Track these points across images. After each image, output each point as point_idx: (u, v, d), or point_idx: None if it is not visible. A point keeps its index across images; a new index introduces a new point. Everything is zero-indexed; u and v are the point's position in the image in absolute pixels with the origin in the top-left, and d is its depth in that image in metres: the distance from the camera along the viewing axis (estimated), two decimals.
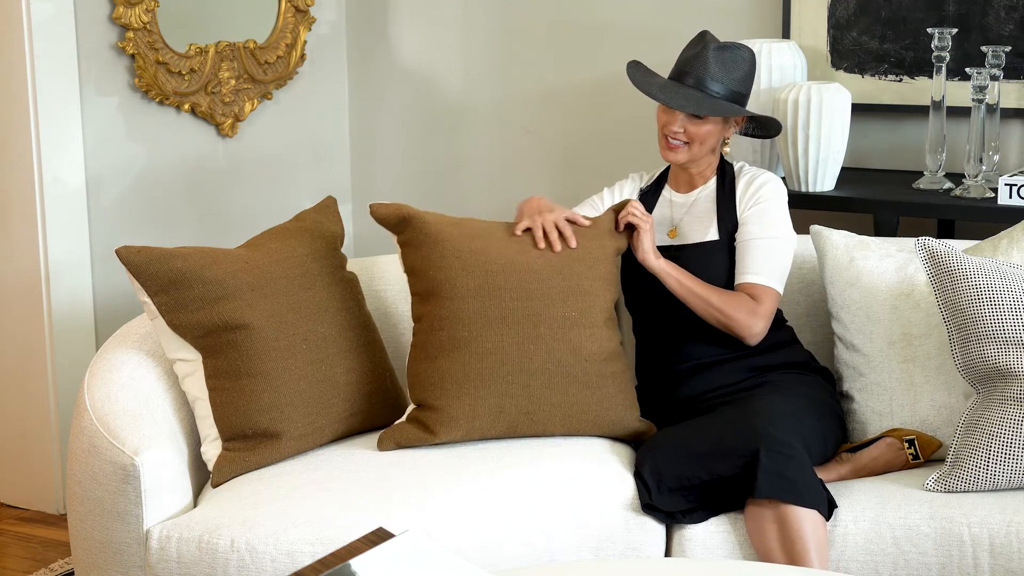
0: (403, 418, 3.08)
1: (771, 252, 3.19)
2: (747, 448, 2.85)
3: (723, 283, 3.21)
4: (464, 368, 3.02)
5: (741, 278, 3.19)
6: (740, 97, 3.25)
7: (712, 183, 3.31)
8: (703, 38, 3.26)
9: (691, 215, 3.30)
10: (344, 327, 3.12)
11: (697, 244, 3.25)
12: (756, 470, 2.81)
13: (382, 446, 3.01)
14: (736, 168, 3.33)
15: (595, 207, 3.37)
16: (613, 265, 3.20)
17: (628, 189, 3.42)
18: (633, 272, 3.29)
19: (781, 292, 3.20)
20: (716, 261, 3.23)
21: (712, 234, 3.25)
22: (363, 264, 3.48)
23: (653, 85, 3.26)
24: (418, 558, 2.26)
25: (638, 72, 3.32)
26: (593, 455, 3.02)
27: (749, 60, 3.26)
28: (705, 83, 3.20)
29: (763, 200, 3.23)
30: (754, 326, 3.15)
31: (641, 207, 3.19)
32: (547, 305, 3.06)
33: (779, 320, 3.29)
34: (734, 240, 3.24)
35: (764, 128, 3.39)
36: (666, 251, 3.25)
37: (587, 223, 3.17)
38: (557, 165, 4.64)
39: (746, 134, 3.42)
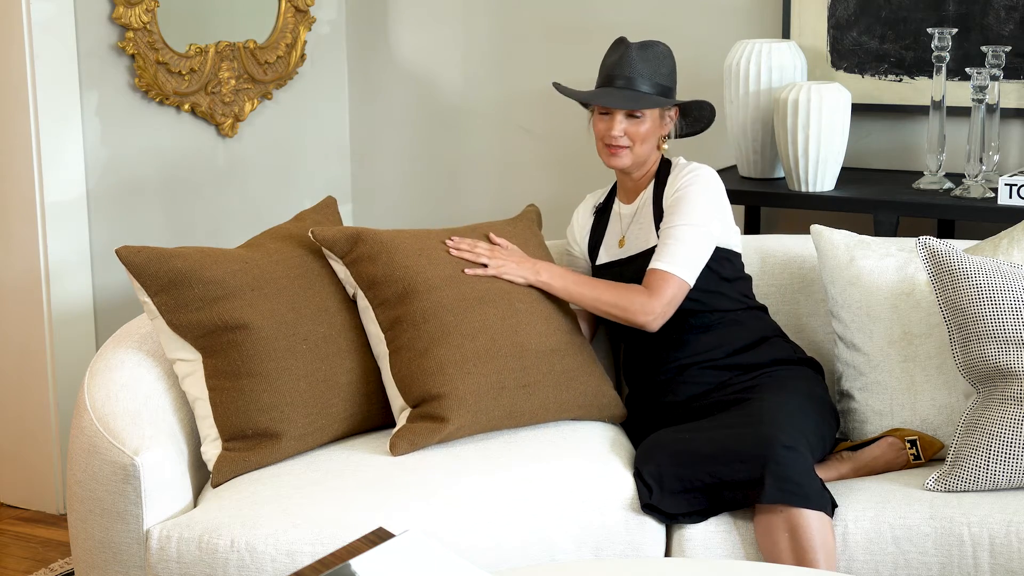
0: (403, 422, 3.06)
1: (680, 240, 3.16)
2: (755, 454, 2.84)
3: None
4: (460, 350, 3.04)
5: (650, 265, 3.18)
6: (668, 91, 3.26)
7: (651, 188, 3.30)
8: (622, 42, 3.28)
9: (636, 224, 3.30)
10: (344, 327, 3.12)
11: (641, 253, 3.25)
12: (764, 476, 2.81)
13: (396, 451, 2.98)
14: (673, 164, 3.31)
15: (574, 256, 3.43)
16: (547, 250, 3.33)
17: (582, 215, 3.43)
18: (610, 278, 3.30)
19: (688, 281, 3.15)
20: None
21: (653, 239, 3.24)
22: None
23: (590, 94, 3.28)
24: (418, 558, 2.26)
25: (563, 88, 3.34)
26: (593, 454, 3.02)
27: (669, 55, 3.28)
28: (635, 83, 3.22)
29: (681, 189, 3.21)
30: (648, 318, 3.13)
31: (465, 242, 3.16)
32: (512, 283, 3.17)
33: (759, 312, 3.29)
34: None
35: (696, 119, 3.35)
36: (615, 264, 3.29)
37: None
38: (557, 165, 4.64)
39: (681, 135, 3.37)
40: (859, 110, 4.04)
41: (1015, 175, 3.69)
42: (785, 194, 3.89)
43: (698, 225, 3.17)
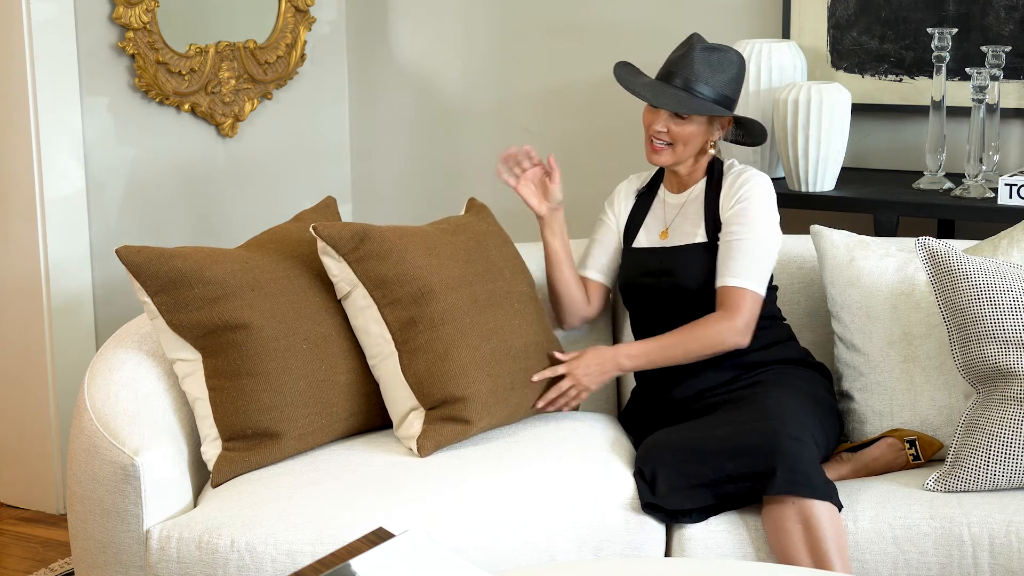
0: (418, 423, 3.04)
1: (750, 253, 3.17)
2: (762, 447, 2.85)
3: (710, 284, 3.20)
4: (479, 352, 3.05)
5: (720, 280, 3.18)
6: (727, 100, 3.22)
7: (702, 184, 3.29)
8: (691, 40, 3.25)
9: (682, 216, 3.30)
10: (344, 327, 3.11)
11: (684, 246, 3.25)
12: (775, 468, 2.81)
13: (424, 452, 2.98)
14: (725, 166, 3.30)
15: (607, 225, 3.40)
16: (511, 244, 3.33)
17: (624, 195, 3.41)
18: (629, 271, 3.32)
19: (762, 293, 3.17)
20: (702, 263, 3.21)
21: (700, 236, 3.24)
22: None
23: (639, 84, 3.26)
24: (418, 558, 2.26)
25: (626, 72, 3.32)
26: (593, 454, 3.02)
27: (737, 64, 3.24)
28: (692, 84, 3.19)
29: (744, 199, 3.21)
30: (737, 338, 3.14)
31: (557, 393, 3.15)
32: (508, 283, 3.18)
33: (776, 317, 3.29)
34: (719, 238, 3.23)
35: (750, 134, 3.36)
36: (656, 252, 3.28)
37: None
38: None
39: (735, 141, 3.39)
40: (859, 110, 4.04)
41: (1015, 175, 3.69)
42: (785, 194, 3.89)
43: (764, 236, 3.18)
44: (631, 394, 3.36)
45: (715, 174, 3.28)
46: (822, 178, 3.85)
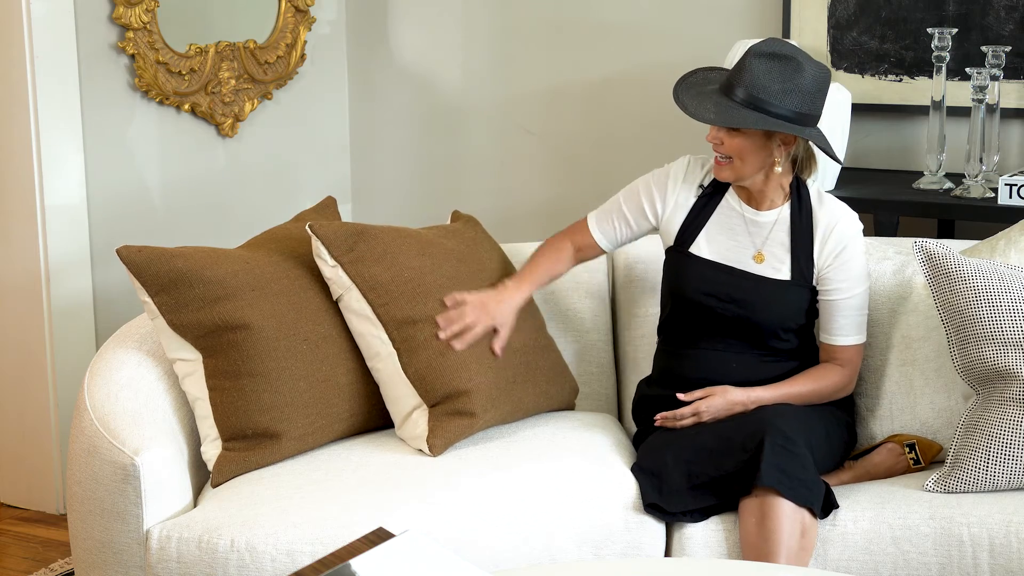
0: (422, 421, 3.04)
1: (860, 308, 3.09)
2: (753, 441, 2.85)
3: (790, 321, 3.07)
4: (478, 346, 3.07)
5: (831, 339, 3.08)
6: (797, 116, 2.93)
7: (787, 208, 3.09)
8: (758, 46, 2.97)
9: (772, 241, 3.08)
10: (344, 327, 3.11)
11: (767, 280, 3.07)
12: (760, 460, 2.80)
13: (436, 451, 2.97)
14: (812, 194, 3.10)
15: (643, 211, 3.17)
16: (502, 252, 3.33)
17: (680, 187, 3.14)
18: (688, 284, 3.12)
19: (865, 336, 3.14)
20: (785, 303, 3.07)
21: (784, 272, 3.07)
22: None
23: (683, 96, 3.03)
24: (418, 558, 2.26)
25: (690, 77, 3.09)
26: (593, 454, 3.02)
27: (810, 75, 2.92)
28: (736, 94, 2.95)
29: (846, 252, 3.06)
30: (851, 390, 3.13)
31: (682, 415, 3.05)
32: (496, 282, 3.20)
33: (814, 349, 3.18)
34: (807, 281, 3.07)
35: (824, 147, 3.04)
36: (728, 273, 3.08)
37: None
38: (557, 165, 4.64)
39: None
40: (859, 110, 4.04)
41: (1015, 175, 3.69)
42: None
43: (866, 285, 3.11)
44: (636, 388, 3.30)
45: (803, 202, 3.09)
46: (822, 178, 3.85)
